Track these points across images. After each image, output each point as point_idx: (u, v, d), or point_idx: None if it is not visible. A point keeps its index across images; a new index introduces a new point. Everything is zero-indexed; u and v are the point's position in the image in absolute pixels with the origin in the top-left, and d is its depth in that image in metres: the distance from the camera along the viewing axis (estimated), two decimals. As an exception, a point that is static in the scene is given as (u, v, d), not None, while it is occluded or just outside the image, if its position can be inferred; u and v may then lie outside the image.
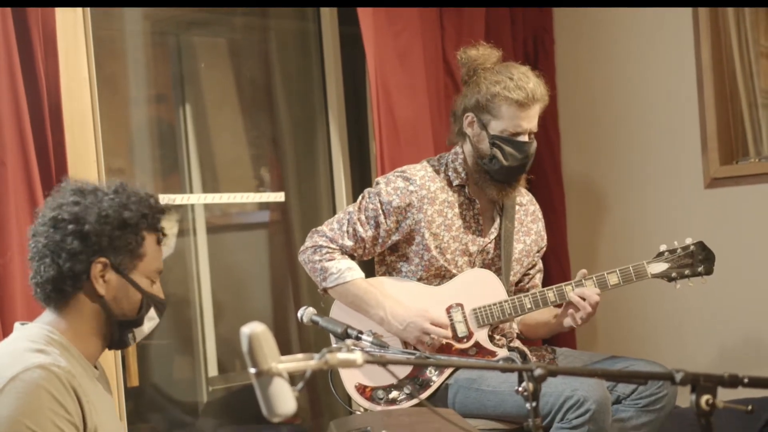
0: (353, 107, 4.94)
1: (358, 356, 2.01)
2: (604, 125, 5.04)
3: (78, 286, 2.57)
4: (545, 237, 3.89)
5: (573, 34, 5.10)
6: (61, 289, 2.58)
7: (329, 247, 3.66)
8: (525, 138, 3.61)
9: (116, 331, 2.65)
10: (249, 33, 5.00)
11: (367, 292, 3.64)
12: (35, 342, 2.52)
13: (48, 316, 2.62)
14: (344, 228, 3.67)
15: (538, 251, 3.86)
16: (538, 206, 3.91)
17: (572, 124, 5.13)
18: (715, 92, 4.63)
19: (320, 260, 3.66)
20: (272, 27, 4.97)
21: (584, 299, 3.54)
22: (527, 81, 3.60)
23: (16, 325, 2.66)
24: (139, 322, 2.66)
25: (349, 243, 3.67)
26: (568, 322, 3.64)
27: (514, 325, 3.84)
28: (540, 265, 3.90)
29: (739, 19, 4.67)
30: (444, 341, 3.61)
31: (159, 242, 2.68)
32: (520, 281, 3.84)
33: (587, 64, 5.07)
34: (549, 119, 4.87)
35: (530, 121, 3.62)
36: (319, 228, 3.72)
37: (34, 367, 2.44)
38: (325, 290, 3.70)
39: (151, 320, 2.69)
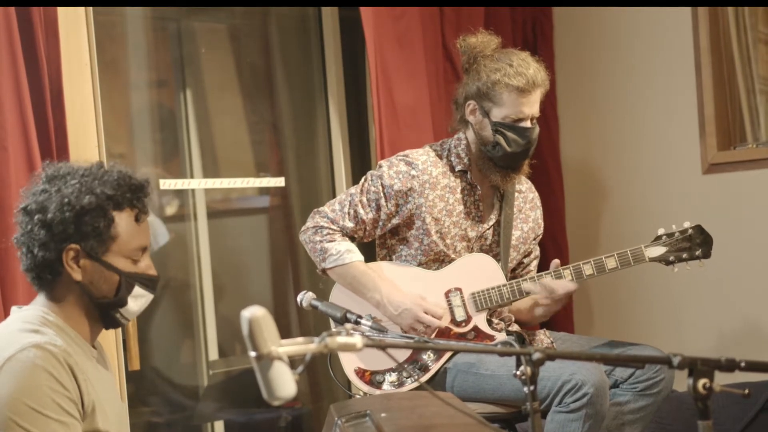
0: (353, 92, 4.95)
1: (357, 340, 2.03)
2: (603, 110, 5.05)
3: (56, 272, 2.59)
4: (542, 225, 3.91)
5: (572, 19, 5.10)
6: (41, 277, 2.60)
7: (330, 228, 3.68)
8: (527, 123, 3.62)
9: (102, 312, 2.66)
10: (249, 18, 5.00)
11: (364, 274, 3.66)
12: (30, 323, 2.55)
13: (43, 298, 2.64)
14: (345, 209, 3.69)
15: (534, 238, 3.87)
16: (536, 194, 3.92)
17: (571, 109, 5.13)
18: (713, 78, 4.63)
19: (321, 241, 3.68)
20: (272, 11, 4.97)
21: (546, 288, 3.57)
22: (527, 67, 3.60)
23: (13, 308, 2.68)
24: (120, 303, 2.64)
25: (349, 224, 3.68)
26: (539, 311, 3.67)
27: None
28: (536, 252, 3.91)
29: (737, 5, 4.67)
30: (441, 326, 3.63)
31: (138, 219, 2.64)
32: (515, 268, 3.86)
33: (586, 49, 5.08)
34: (548, 104, 4.87)
35: (532, 106, 3.63)
36: (320, 208, 3.74)
37: (30, 346, 2.46)
38: (323, 271, 3.72)
39: (139, 298, 2.67)
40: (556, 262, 3.64)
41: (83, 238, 2.57)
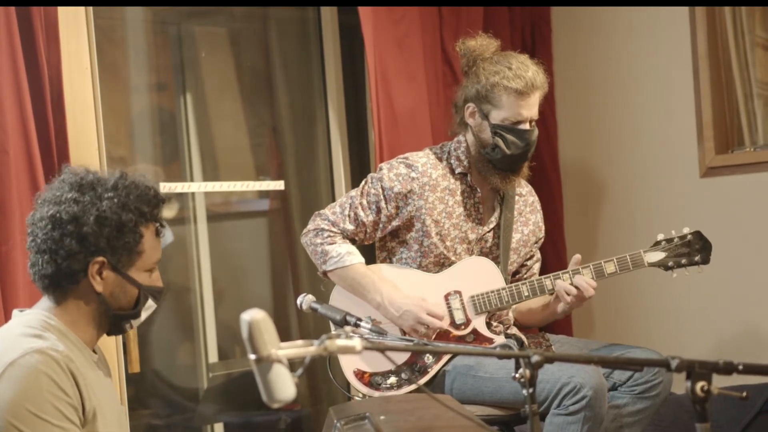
0: (352, 95, 4.95)
1: (356, 342, 2.03)
2: (601, 113, 5.05)
3: (75, 281, 2.60)
4: (543, 228, 3.91)
5: (570, 23, 5.11)
6: (58, 284, 2.60)
7: (331, 231, 3.69)
8: (526, 126, 3.63)
9: (113, 322, 2.68)
10: (249, 21, 5.01)
11: (365, 276, 3.66)
12: (32, 328, 2.55)
13: (46, 302, 2.64)
14: (346, 212, 3.70)
15: (535, 242, 3.88)
16: (537, 197, 3.93)
17: (569, 112, 5.14)
18: (710, 82, 4.64)
19: (322, 243, 3.69)
20: (272, 15, 4.98)
21: (579, 289, 3.56)
22: (526, 70, 3.61)
23: (15, 312, 2.68)
24: (136, 315, 2.69)
25: (350, 227, 3.69)
26: (561, 307, 3.66)
27: (511, 313, 3.87)
28: (538, 255, 3.91)
29: (735, 9, 4.68)
30: (443, 328, 3.64)
31: (158, 233, 2.69)
32: (517, 272, 3.86)
33: (584, 52, 5.09)
34: (546, 107, 4.86)
35: (530, 109, 3.63)
36: (321, 211, 3.75)
37: (32, 351, 2.47)
38: (324, 273, 3.73)
39: (148, 309, 2.72)
40: (577, 257, 3.63)
41: (113, 251, 2.59)
